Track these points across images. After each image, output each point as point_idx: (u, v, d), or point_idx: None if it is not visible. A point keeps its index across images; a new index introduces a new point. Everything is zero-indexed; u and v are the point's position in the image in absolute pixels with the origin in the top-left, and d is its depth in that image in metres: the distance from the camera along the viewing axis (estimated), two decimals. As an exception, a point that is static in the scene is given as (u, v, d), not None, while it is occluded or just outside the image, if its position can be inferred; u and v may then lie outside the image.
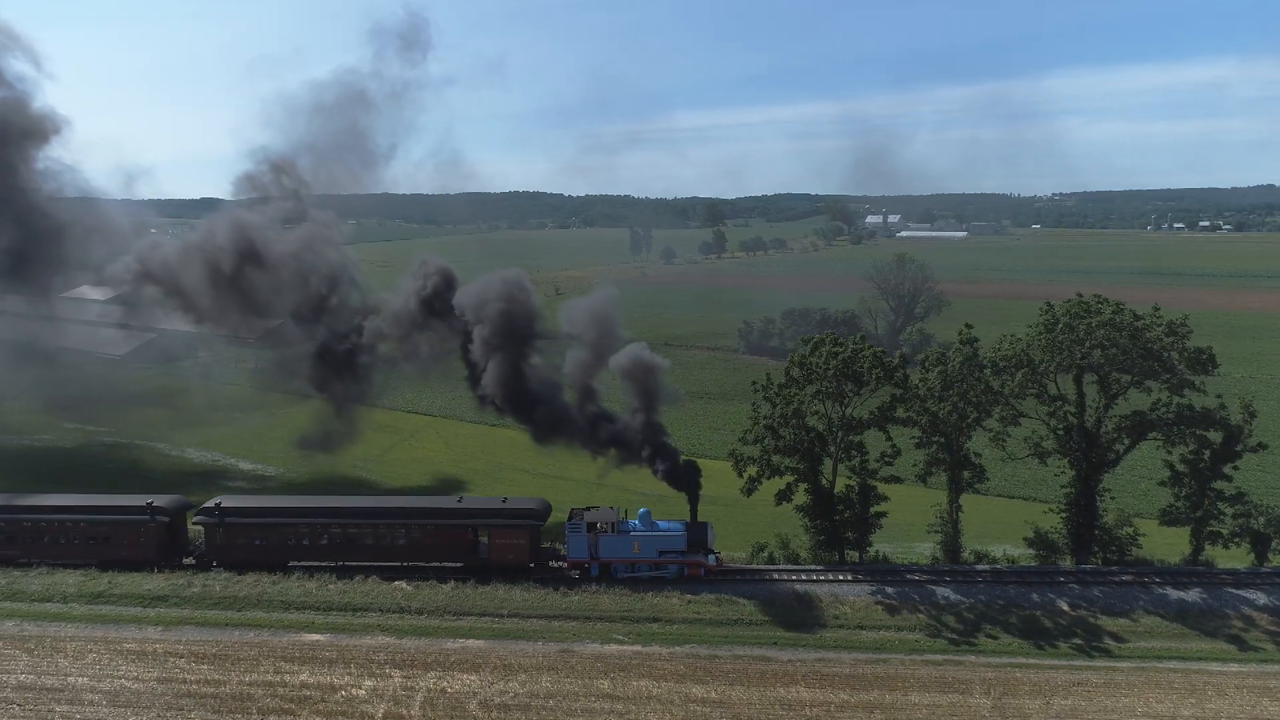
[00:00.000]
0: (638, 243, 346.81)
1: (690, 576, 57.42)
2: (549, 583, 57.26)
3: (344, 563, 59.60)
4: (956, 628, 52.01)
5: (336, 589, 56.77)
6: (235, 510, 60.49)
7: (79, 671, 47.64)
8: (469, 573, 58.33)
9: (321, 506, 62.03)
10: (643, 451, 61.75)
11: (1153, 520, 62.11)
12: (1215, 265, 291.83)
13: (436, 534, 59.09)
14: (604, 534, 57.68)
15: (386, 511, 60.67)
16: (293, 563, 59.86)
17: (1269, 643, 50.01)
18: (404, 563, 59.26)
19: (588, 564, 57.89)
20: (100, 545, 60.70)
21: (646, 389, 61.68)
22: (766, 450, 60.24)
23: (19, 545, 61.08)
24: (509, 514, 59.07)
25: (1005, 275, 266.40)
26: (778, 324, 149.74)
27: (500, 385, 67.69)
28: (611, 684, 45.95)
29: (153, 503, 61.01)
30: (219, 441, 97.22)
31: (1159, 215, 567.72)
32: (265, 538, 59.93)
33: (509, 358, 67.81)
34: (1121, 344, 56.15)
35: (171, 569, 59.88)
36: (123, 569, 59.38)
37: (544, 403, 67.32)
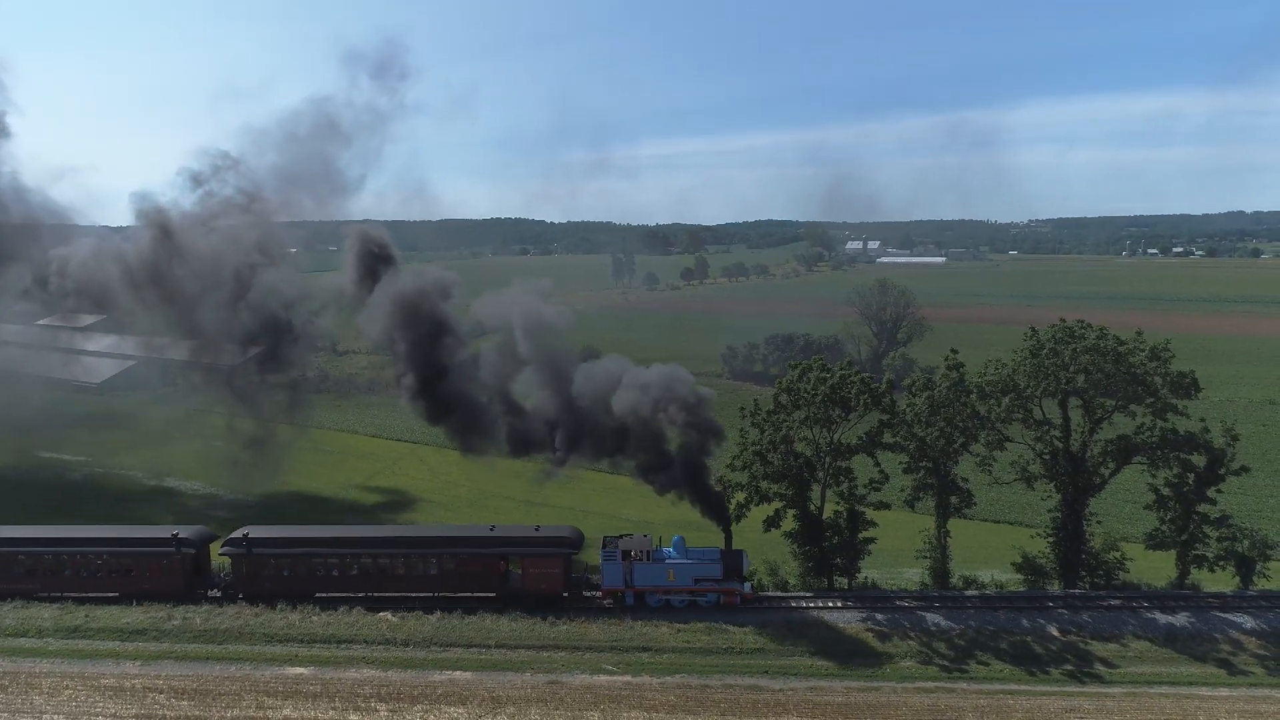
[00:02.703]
0: (620, 268, 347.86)
1: (726, 605, 56.71)
2: (583, 612, 56.30)
3: (373, 594, 58.33)
4: (948, 654, 51.78)
5: (320, 620, 55.77)
6: (263, 541, 59.10)
7: (55, 709, 46.35)
8: (501, 603, 57.28)
9: (351, 537, 60.89)
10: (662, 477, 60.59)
11: (1139, 544, 62.36)
12: (1189, 290, 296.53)
13: (468, 563, 57.94)
14: (639, 562, 56.90)
15: (417, 541, 59.59)
16: (320, 594, 58.46)
17: (1258, 666, 50.12)
18: (435, 593, 58.02)
19: (622, 592, 57.14)
20: (123, 578, 59.20)
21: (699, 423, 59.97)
22: (755, 476, 60.06)
23: (39, 579, 59.49)
24: (542, 542, 58.03)
25: (984, 300, 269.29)
26: (761, 349, 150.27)
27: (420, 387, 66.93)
28: (601, 715, 45.27)
29: (178, 534, 59.75)
30: (168, 464, 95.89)
31: (1133, 241, 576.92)
32: (293, 568, 58.62)
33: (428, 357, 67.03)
34: (1106, 369, 56.67)
35: (197, 601, 58.41)
36: (147, 601, 57.89)
37: (466, 404, 66.65)
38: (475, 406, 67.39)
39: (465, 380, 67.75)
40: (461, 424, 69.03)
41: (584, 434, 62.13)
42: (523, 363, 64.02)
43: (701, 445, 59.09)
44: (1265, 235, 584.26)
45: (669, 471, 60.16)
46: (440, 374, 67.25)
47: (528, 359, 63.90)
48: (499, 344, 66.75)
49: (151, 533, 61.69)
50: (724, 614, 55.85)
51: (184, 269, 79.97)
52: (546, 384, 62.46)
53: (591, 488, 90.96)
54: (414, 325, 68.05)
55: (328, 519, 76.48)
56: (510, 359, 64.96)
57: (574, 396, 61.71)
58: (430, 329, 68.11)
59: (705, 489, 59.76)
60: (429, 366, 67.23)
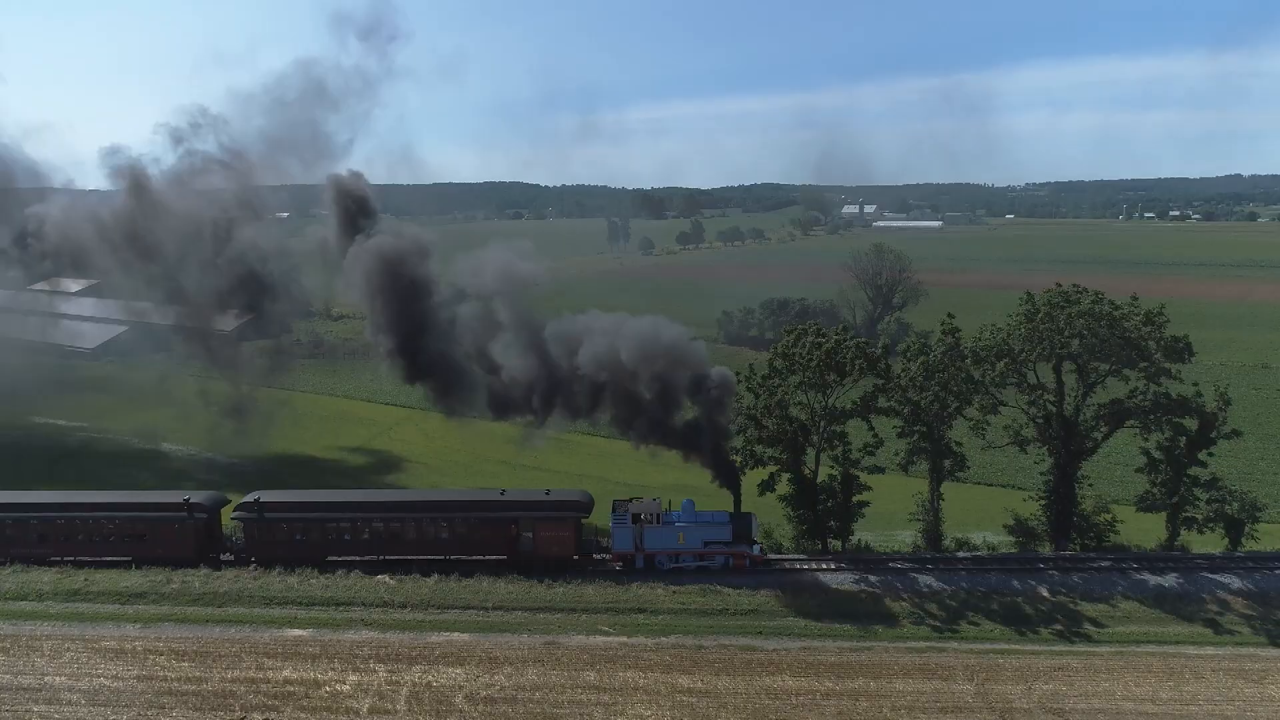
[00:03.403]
0: (615, 233, 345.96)
1: (735, 567, 57.21)
2: (593, 575, 56.84)
3: (385, 557, 58.66)
4: (939, 615, 52.48)
5: (319, 583, 56.27)
6: (275, 505, 59.33)
7: (56, 670, 46.87)
8: (513, 566, 57.67)
9: (363, 501, 61.12)
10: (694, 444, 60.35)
11: (1129, 506, 62.93)
12: (1185, 254, 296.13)
13: (479, 527, 58.31)
14: (649, 525, 57.35)
15: (429, 505, 59.87)
16: (333, 557, 58.80)
17: (1244, 626, 50.91)
18: (447, 557, 58.40)
19: (633, 555, 57.59)
20: (136, 543, 59.57)
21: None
22: (750, 441, 60.34)
23: (51, 544, 59.86)
24: (553, 506, 58.43)
25: (981, 265, 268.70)
26: (757, 314, 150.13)
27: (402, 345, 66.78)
28: (598, 675, 45.92)
29: (190, 499, 59.96)
30: (162, 428, 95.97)
31: (1130, 205, 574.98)
32: (305, 533, 58.94)
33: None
34: (1100, 333, 56.80)
35: (213, 566, 58.70)
36: (160, 567, 58.14)
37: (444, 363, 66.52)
38: (454, 367, 67.10)
39: (444, 340, 67.44)
40: (440, 385, 68.86)
41: (560, 391, 61.90)
42: (500, 322, 63.79)
43: (710, 407, 58.72)
44: (1262, 199, 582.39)
45: (663, 430, 60.11)
46: (417, 333, 66.94)
47: (502, 316, 63.67)
48: (477, 303, 66.40)
49: (163, 498, 61.98)
50: (732, 576, 56.39)
51: (160, 226, 78.81)
52: (522, 342, 62.22)
53: (588, 453, 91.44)
54: (391, 284, 67.60)
55: (324, 483, 76.80)
56: (488, 319, 64.69)
57: (550, 353, 61.57)
58: (407, 288, 67.67)
59: (712, 451, 59.57)
60: (406, 326, 66.92)
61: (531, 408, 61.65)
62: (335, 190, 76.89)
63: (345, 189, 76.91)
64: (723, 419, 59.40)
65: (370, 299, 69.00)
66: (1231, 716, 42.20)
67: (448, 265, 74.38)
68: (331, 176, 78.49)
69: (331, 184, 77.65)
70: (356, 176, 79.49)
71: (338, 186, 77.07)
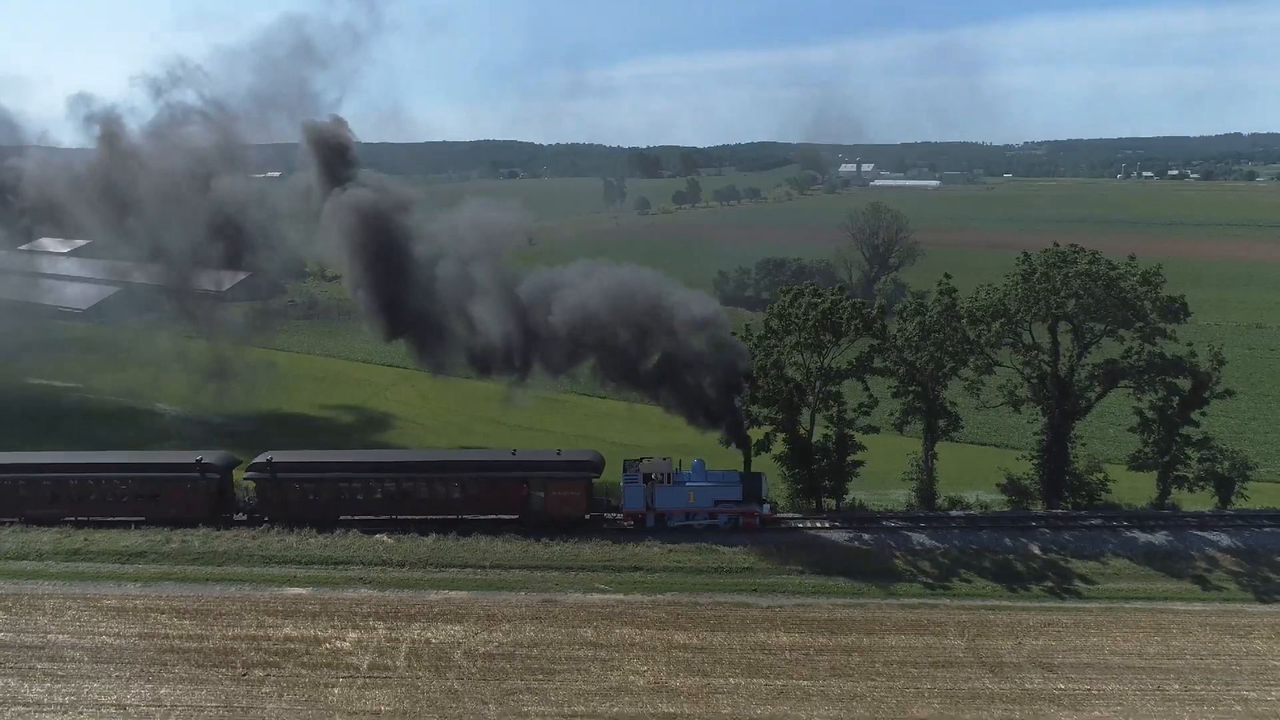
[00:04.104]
0: (611, 193, 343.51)
1: (745, 527, 57.72)
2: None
3: (397, 517, 58.97)
4: (931, 572, 53.13)
5: (317, 543, 56.68)
6: (287, 465, 59.50)
7: (59, 629, 47.38)
8: (524, 526, 58.10)
9: (375, 461, 61.28)
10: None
11: (1121, 466, 63.47)
12: (1183, 214, 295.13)
13: (491, 487, 58.58)
14: (659, 485, 57.69)
15: (441, 465, 60.03)
16: (345, 517, 59.12)
17: (1231, 582, 51.65)
18: (458, 516, 58.74)
19: (643, 515, 58.05)
20: (149, 503, 59.82)
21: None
22: (745, 400, 60.49)
23: (64, 504, 60.12)
24: (564, 466, 58.62)
25: (978, 224, 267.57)
26: (753, 274, 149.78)
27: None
28: (595, 632, 46.56)
29: (202, 459, 60.11)
30: (155, 387, 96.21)
31: (1128, 164, 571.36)
32: (318, 493, 59.20)
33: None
34: (1097, 293, 56.73)
35: (223, 526, 59.04)
36: (173, 527, 58.42)
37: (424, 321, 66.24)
38: (433, 323, 66.64)
39: (423, 297, 66.94)
40: (420, 342, 68.50)
41: (539, 345, 61.76)
42: (478, 278, 63.44)
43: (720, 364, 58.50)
44: (1261, 158, 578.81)
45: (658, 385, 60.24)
46: (396, 289, 66.42)
47: (480, 272, 63.32)
48: (456, 259, 65.88)
49: (175, 458, 62.20)
50: (728, 535, 56.92)
51: (136, 177, 77.30)
52: (499, 297, 61.93)
53: (583, 413, 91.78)
54: (369, 238, 66.86)
55: (319, 442, 76.90)
56: (466, 274, 64.27)
57: (527, 308, 61.36)
58: (386, 242, 66.97)
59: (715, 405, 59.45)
60: (384, 281, 66.37)
61: (512, 364, 61.44)
62: (312, 137, 75.10)
63: (322, 136, 75.13)
64: (739, 381, 59.51)
65: (348, 254, 68.30)
66: (1216, 670, 43.01)
67: (436, 224, 73.88)
68: (307, 123, 76.54)
69: (308, 131, 75.79)
70: (337, 122, 77.83)
71: (314, 133, 75.22)
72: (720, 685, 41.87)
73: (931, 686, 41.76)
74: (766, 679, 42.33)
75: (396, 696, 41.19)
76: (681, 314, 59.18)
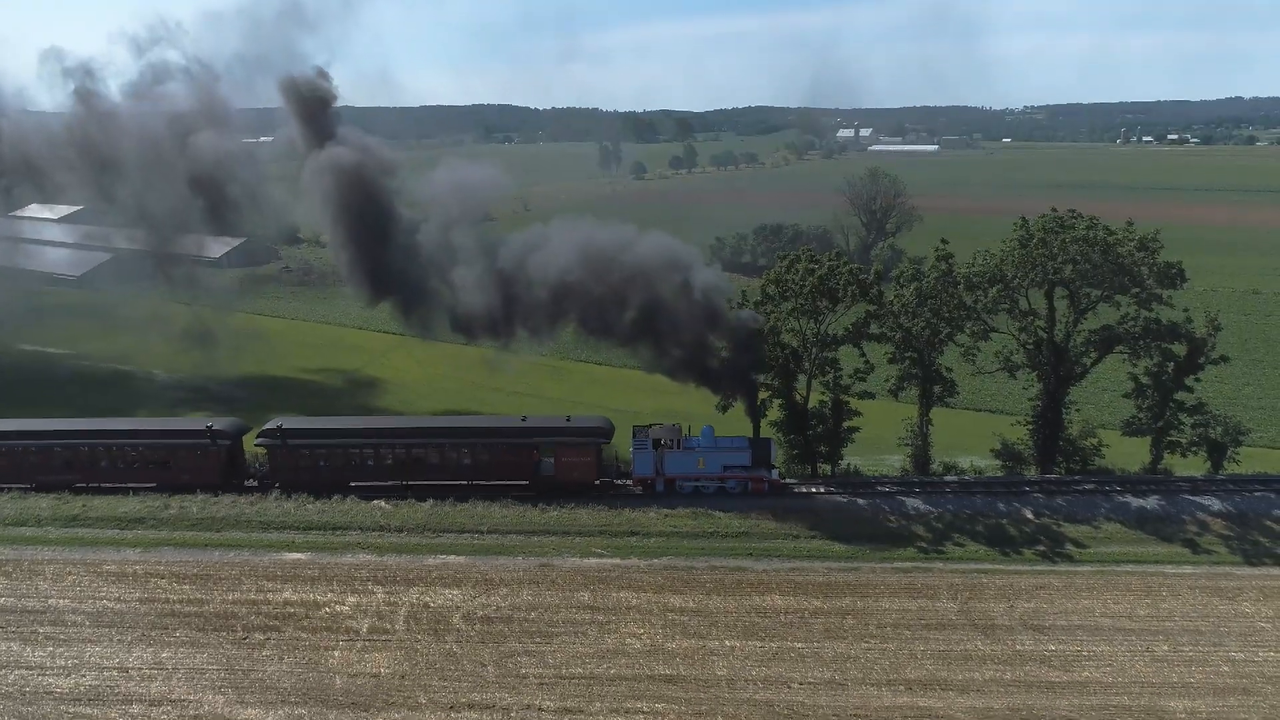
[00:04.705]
0: (607, 158, 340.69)
1: (754, 492, 58.02)
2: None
3: (407, 483, 59.12)
4: (925, 537, 53.61)
5: (315, 508, 56.98)
6: (298, 432, 59.61)
7: (60, 593, 47.73)
8: (534, 492, 58.36)
9: (386, 428, 61.34)
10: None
11: (1115, 431, 63.80)
12: (1182, 179, 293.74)
13: (501, 453, 58.71)
14: (669, 450, 57.91)
15: (451, 432, 60.02)
16: (355, 483, 59.29)
17: (1221, 546, 52.22)
18: (469, 482, 58.92)
19: (653, 480, 58.33)
20: (160, 470, 60.06)
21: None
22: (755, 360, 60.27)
23: (77, 470, 60.35)
24: (574, 432, 58.81)
25: (976, 190, 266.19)
26: (750, 240, 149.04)
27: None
28: (592, 595, 47.02)
29: (212, 426, 60.25)
30: (148, 353, 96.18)
31: (1128, 129, 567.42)
32: (329, 459, 59.33)
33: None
34: (1094, 259, 56.60)
35: (235, 492, 59.27)
36: (185, 493, 58.68)
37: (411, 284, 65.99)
38: (416, 285, 66.20)
39: (406, 258, 66.42)
40: (403, 304, 68.07)
41: (520, 307, 61.52)
42: (459, 239, 63.12)
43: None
44: (1261, 122, 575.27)
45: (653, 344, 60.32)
46: (378, 250, 65.92)
47: (458, 230, 62.96)
48: (438, 220, 65.43)
49: (185, 425, 62.42)
50: (724, 500, 57.34)
51: (114, 135, 75.91)
52: (480, 257, 61.66)
53: (581, 379, 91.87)
54: (351, 198, 66.15)
55: (312, 408, 76.93)
56: (447, 235, 63.90)
57: (508, 268, 61.11)
58: (367, 202, 66.32)
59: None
60: (366, 242, 65.83)
61: (494, 328, 61.29)
62: (291, 91, 73.55)
63: (301, 90, 73.53)
64: (755, 353, 59.62)
65: (330, 215, 67.67)
66: (1205, 631, 43.62)
67: (417, 185, 73.21)
68: (284, 78, 74.92)
69: (286, 86, 74.22)
70: (319, 75, 75.99)
71: (293, 88, 73.63)
72: (716, 647, 42.40)
73: (924, 648, 42.33)
74: (761, 641, 42.87)
75: (396, 659, 41.66)
76: (658, 260, 58.80)
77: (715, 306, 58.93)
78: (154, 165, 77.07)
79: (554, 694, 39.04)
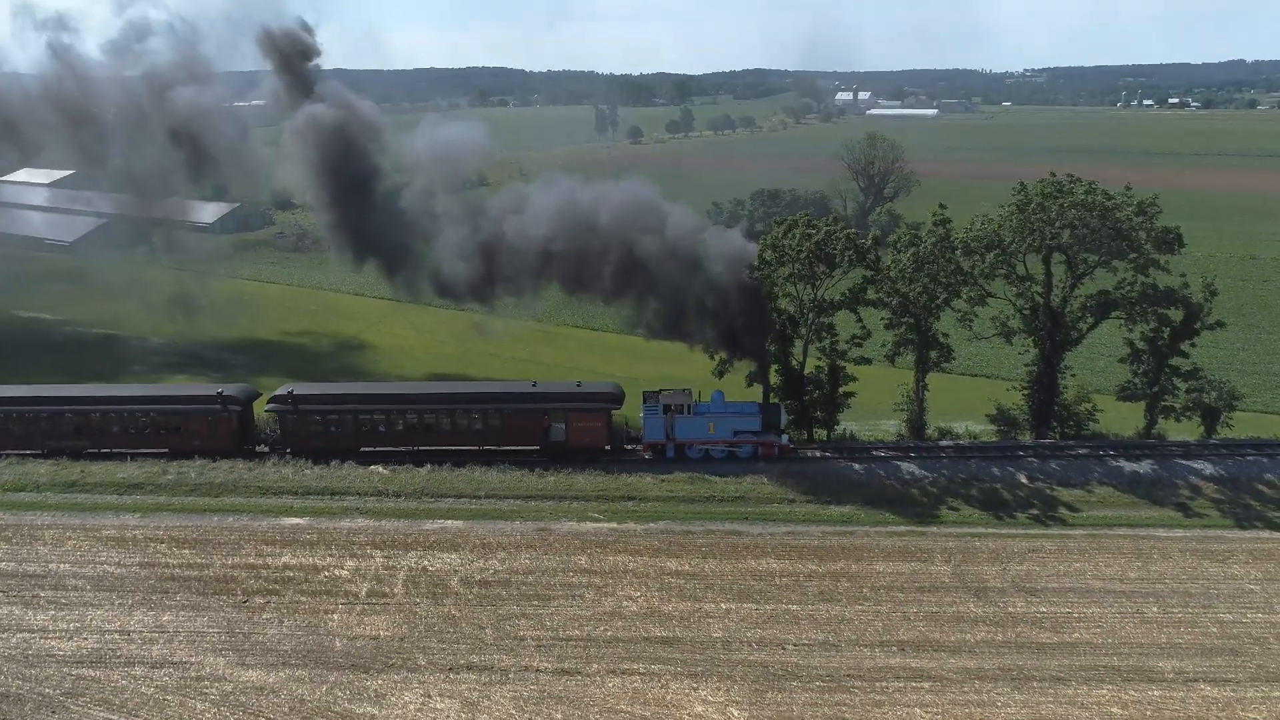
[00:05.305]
0: (603, 121, 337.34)
1: (764, 456, 58.20)
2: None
3: (418, 448, 59.23)
4: (920, 501, 54.01)
5: (313, 474, 57.18)
6: (309, 398, 59.68)
7: (60, 558, 48.05)
8: (545, 457, 58.59)
9: (397, 393, 61.41)
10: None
11: (1110, 396, 64.04)
12: (1183, 143, 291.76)
13: (512, 419, 58.80)
14: (680, 416, 57.99)
15: (462, 397, 60.11)
16: (366, 449, 59.43)
17: (1212, 509, 52.70)
18: (479, 447, 59.11)
19: (664, 445, 58.50)
20: (171, 435, 60.18)
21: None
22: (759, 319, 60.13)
23: (88, 436, 60.43)
24: (585, 398, 58.98)
25: (975, 154, 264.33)
26: (747, 205, 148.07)
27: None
28: (589, 559, 47.43)
29: (223, 392, 60.29)
30: (142, 318, 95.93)
31: (1128, 92, 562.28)
32: (340, 425, 59.44)
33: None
34: (1092, 224, 56.36)
35: (246, 457, 59.38)
36: (196, 458, 58.86)
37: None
38: (398, 245, 65.76)
39: (388, 218, 65.88)
40: (387, 265, 67.63)
41: (499, 266, 61.17)
42: (438, 198, 62.75)
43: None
44: (1263, 86, 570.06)
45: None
46: (361, 210, 65.36)
47: (439, 189, 62.55)
48: (420, 180, 64.96)
49: (196, 390, 62.53)
50: (719, 465, 57.56)
51: (89, 90, 74.60)
52: (461, 217, 61.28)
53: (575, 344, 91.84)
54: (332, 157, 65.41)
55: (308, 374, 76.93)
56: (428, 196, 63.49)
57: (488, 228, 60.76)
58: (348, 161, 65.60)
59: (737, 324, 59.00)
60: (348, 201, 65.23)
61: (476, 289, 61.03)
62: (270, 45, 71.99)
63: (278, 43, 71.99)
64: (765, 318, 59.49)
65: (311, 174, 67.00)
66: (1195, 593, 44.17)
67: (399, 145, 72.46)
68: (261, 29, 73.48)
69: (265, 38, 72.60)
70: (300, 26, 74.56)
71: (272, 40, 72.01)
72: (711, 610, 42.87)
73: (917, 610, 42.84)
74: (756, 604, 43.34)
75: (395, 622, 42.10)
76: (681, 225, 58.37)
77: (739, 271, 58.68)
78: (133, 121, 75.71)
79: (551, 655, 39.54)
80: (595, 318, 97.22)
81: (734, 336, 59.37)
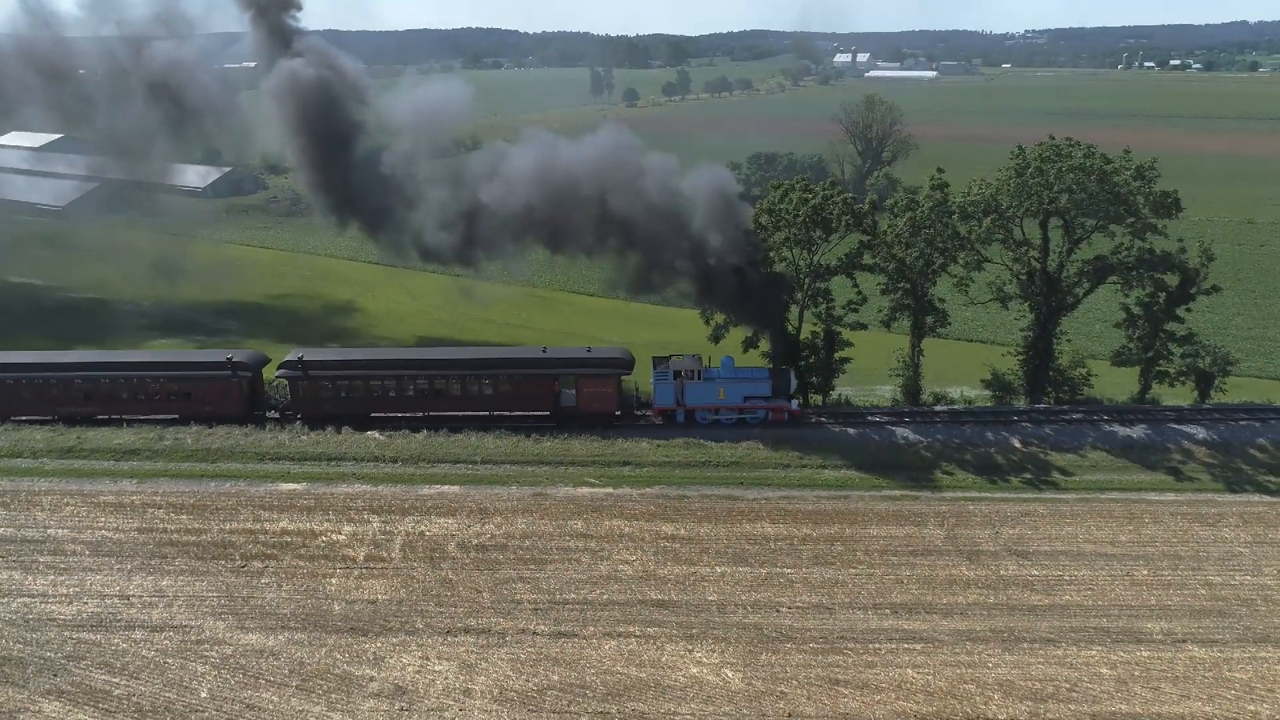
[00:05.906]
0: (598, 84, 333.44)
1: (774, 422, 58.28)
2: (635, 430, 57.95)
3: (428, 414, 59.20)
4: (915, 465, 54.28)
5: (309, 440, 57.25)
6: (319, 363, 59.58)
7: (58, 524, 48.23)
8: (555, 422, 58.64)
9: (407, 359, 61.35)
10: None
11: (1105, 361, 64.18)
12: (1183, 106, 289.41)
13: (522, 384, 58.81)
14: (690, 381, 57.97)
15: (472, 363, 60.05)
16: (377, 414, 59.42)
17: (1204, 474, 53.08)
18: (490, 413, 59.15)
19: (674, 411, 58.57)
20: (181, 401, 60.12)
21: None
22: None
23: (98, 402, 60.36)
24: (595, 363, 58.98)
25: (974, 117, 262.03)
26: (743, 169, 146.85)
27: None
28: (585, 524, 47.73)
29: (232, 357, 60.18)
30: (133, 283, 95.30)
31: (1130, 54, 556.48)
32: (350, 390, 59.37)
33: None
34: (1090, 188, 56.04)
35: (257, 424, 59.32)
36: (206, 424, 58.82)
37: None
38: (381, 206, 65.21)
39: (370, 178, 65.22)
40: (370, 226, 67.09)
41: (480, 228, 60.82)
42: (419, 159, 62.24)
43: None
44: (1266, 47, 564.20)
45: None
46: (342, 169, 64.60)
47: (419, 150, 61.98)
48: (402, 141, 64.32)
49: (205, 356, 62.46)
50: (716, 431, 57.69)
51: (67, 47, 73.21)
52: (449, 176, 60.88)
53: (572, 311, 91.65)
54: (311, 115, 64.48)
55: (304, 339, 76.76)
56: (412, 156, 62.95)
57: (468, 190, 60.33)
58: (327, 119, 64.67)
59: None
60: (329, 161, 64.42)
61: (458, 251, 60.73)
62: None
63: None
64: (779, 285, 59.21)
65: (291, 132, 66.09)
66: (1185, 556, 44.65)
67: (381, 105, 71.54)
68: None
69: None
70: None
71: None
72: (706, 573, 43.26)
73: (910, 574, 43.27)
74: (751, 567, 43.73)
75: (393, 586, 42.44)
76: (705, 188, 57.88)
77: (754, 236, 58.40)
78: (111, 77, 74.32)
79: (548, 619, 39.94)
80: (590, 283, 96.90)
81: (743, 300, 59.10)
